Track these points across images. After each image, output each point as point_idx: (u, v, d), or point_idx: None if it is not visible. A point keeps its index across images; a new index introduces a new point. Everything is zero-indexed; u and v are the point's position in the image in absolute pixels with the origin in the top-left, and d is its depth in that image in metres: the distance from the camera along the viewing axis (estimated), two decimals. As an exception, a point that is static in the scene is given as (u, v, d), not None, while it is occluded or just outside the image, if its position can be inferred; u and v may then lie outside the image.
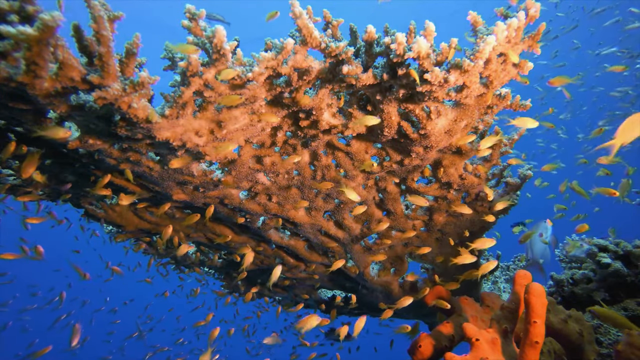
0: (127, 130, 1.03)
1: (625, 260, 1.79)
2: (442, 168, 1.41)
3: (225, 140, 1.17)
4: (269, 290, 2.26)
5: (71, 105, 0.96)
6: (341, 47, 0.98)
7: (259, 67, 0.96)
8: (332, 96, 1.16)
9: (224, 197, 1.46)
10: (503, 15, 1.03)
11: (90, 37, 0.89)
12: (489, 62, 1.01)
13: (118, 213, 1.62)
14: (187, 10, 0.93)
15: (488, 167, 1.47)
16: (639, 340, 1.05)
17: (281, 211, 1.53)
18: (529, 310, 0.95)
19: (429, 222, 1.63)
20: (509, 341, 1.10)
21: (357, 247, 1.70)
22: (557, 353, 1.19)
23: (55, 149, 1.31)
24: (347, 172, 1.41)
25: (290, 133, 1.29)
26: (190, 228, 1.73)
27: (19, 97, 0.97)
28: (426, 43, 0.92)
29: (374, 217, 1.59)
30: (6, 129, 1.22)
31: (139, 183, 1.43)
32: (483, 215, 1.59)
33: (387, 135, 1.22)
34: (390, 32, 1.06)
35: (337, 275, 1.97)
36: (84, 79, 0.88)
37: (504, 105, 1.21)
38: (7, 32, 0.75)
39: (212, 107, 1.07)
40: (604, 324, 1.35)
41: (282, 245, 1.74)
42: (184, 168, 1.29)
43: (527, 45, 1.04)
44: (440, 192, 1.52)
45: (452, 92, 1.06)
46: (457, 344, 1.32)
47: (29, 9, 0.81)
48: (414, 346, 1.27)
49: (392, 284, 1.84)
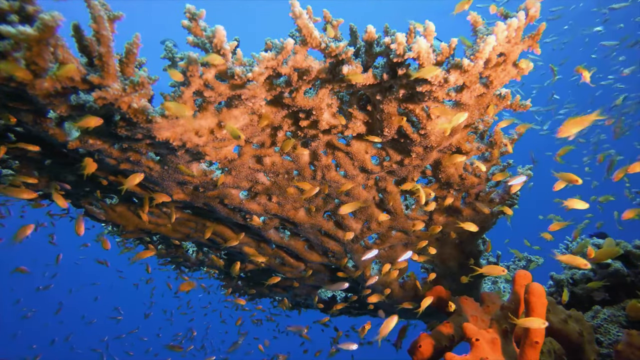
0: (127, 130, 1.03)
1: (625, 260, 1.79)
2: (441, 168, 1.41)
3: (225, 140, 1.17)
4: (269, 290, 2.26)
5: (71, 105, 0.96)
6: (341, 47, 0.98)
7: (259, 67, 0.96)
8: (332, 96, 1.16)
9: (224, 197, 1.46)
10: (503, 15, 1.03)
11: (90, 37, 0.88)
12: (489, 62, 1.01)
13: (118, 213, 1.62)
14: (187, 10, 0.93)
15: (488, 167, 1.47)
16: (639, 340, 1.05)
17: (281, 211, 1.53)
18: (529, 310, 0.95)
19: (429, 222, 1.63)
20: (509, 341, 1.10)
21: (357, 247, 1.70)
22: (557, 353, 1.19)
23: (55, 149, 1.31)
24: (347, 172, 1.41)
25: (290, 133, 1.29)
26: (190, 228, 1.73)
27: (19, 97, 0.97)
28: (426, 43, 0.92)
29: (374, 217, 1.59)
30: (6, 129, 1.22)
31: (139, 183, 1.43)
32: (483, 216, 1.59)
33: (387, 135, 1.22)
34: (390, 32, 1.06)
35: (337, 276, 1.97)
36: (84, 79, 0.88)
37: (504, 105, 1.21)
38: (7, 32, 0.75)
39: (212, 107, 1.07)
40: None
41: (282, 245, 1.74)
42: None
43: (527, 45, 1.04)
44: (440, 192, 1.52)
45: (452, 92, 1.06)
46: (457, 344, 1.32)
47: (29, 9, 0.81)
48: (414, 346, 1.27)
49: (393, 284, 1.84)
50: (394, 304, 1.95)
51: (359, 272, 1.78)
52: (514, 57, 1.04)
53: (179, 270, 2.27)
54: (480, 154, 1.45)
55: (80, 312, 10.91)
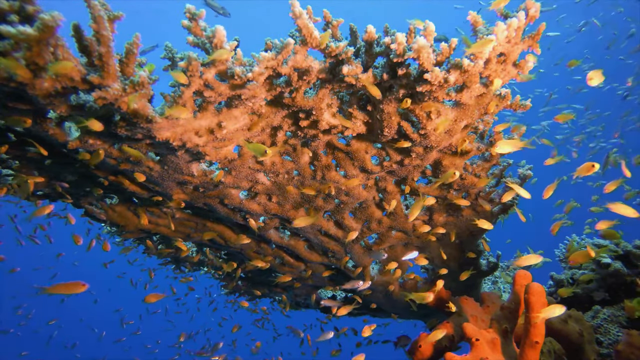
0: (127, 130, 1.03)
1: (625, 260, 1.79)
2: (441, 168, 1.41)
3: (225, 140, 1.17)
4: (269, 290, 2.26)
5: (71, 105, 0.96)
6: (341, 47, 0.98)
7: (259, 67, 0.96)
8: (332, 96, 1.16)
9: (224, 197, 1.46)
10: (503, 15, 1.03)
11: (90, 37, 0.88)
12: (489, 62, 1.01)
13: (118, 213, 1.62)
14: (187, 10, 0.93)
15: (488, 166, 1.47)
16: (639, 340, 1.05)
17: (281, 211, 1.53)
18: (529, 310, 0.95)
19: (429, 222, 1.63)
20: (509, 341, 1.10)
21: (357, 247, 1.70)
22: (557, 353, 1.19)
23: (55, 149, 1.31)
24: (347, 172, 1.41)
25: (290, 133, 1.29)
26: (191, 228, 1.73)
27: (19, 97, 0.97)
28: (426, 43, 0.92)
29: (374, 217, 1.59)
30: (6, 129, 1.22)
31: (139, 183, 1.43)
32: (483, 216, 1.59)
33: (387, 135, 1.22)
34: (390, 32, 1.06)
35: (337, 276, 1.97)
36: (84, 79, 0.88)
37: (504, 105, 1.21)
38: (7, 32, 0.75)
39: (212, 107, 1.07)
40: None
41: (282, 245, 1.74)
42: (184, 168, 1.29)
43: (527, 45, 1.04)
44: (440, 192, 1.52)
45: (452, 92, 1.06)
46: (457, 344, 1.32)
47: (29, 9, 0.81)
48: (414, 346, 1.27)
49: (393, 284, 1.84)
50: (394, 304, 1.95)
51: (358, 271, 1.78)
52: (514, 57, 1.05)
53: (178, 270, 2.27)
54: (481, 154, 1.45)
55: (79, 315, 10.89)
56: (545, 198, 1.32)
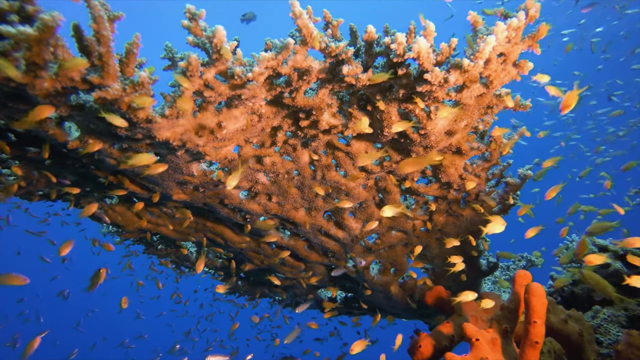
0: (127, 130, 1.03)
1: (625, 260, 1.79)
2: (441, 168, 1.41)
3: (225, 140, 1.17)
4: (269, 290, 2.26)
5: (71, 105, 0.96)
6: (341, 47, 0.98)
7: (259, 67, 0.96)
8: (332, 96, 1.16)
9: (224, 197, 1.46)
10: (503, 15, 1.03)
11: (90, 37, 0.88)
12: (489, 62, 1.01)
13: (118, 213, 1.62)
14: (187, 10, 0.93)
15: (488, 166, 1.47)
16: (639, 340, 1.05)
17: (281, 211, 1.53)
18: (529, 310, 0.95)
19: (429, 222, 1.63)
20: (509, 341, 1.10)
21: (357, 247, 1.70)
22: (557, 353, 1.19)
23: (55, 149, 1.31)
24: (347, 172, 1.41)
25: (290, 133, 1.29)
26: (191, 228, 1.73)
27: (19, 97, 0.97)
28: (426, 43, 0.92)
29: (374, 217, 1.59)
30: (6, 129, 1.22)
31: (139, 183, 1.43)
32: (483, 215, 1.59)
33: (387, 135, 1.22)
34: (390, 32, 1.06)
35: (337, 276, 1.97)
36: (84, 79, 0.88)
37: (504, 105, 1.21)
38: (7, 32, 0.75)
39: (212, 107, 1.07)
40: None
41: (282, 245, 1.74)
42: (184, 168, 1.29)
43: (527, 45, 1.04)
44: (440, 192, 1.52)
45: (452, 92, 1.06)
46: (457, 344, 1.32)
47: (29, 9, 0.81)
48: (414, 346, 1.27)
49: (392, 284, 1.84)
50: (395, 305, 1.95)
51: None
52: (514, 57, 1.05)
53: (179, 270, 2.27)
54: (481, 154, 1.45)
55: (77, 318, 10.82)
56: (548, 199, 1.31)
